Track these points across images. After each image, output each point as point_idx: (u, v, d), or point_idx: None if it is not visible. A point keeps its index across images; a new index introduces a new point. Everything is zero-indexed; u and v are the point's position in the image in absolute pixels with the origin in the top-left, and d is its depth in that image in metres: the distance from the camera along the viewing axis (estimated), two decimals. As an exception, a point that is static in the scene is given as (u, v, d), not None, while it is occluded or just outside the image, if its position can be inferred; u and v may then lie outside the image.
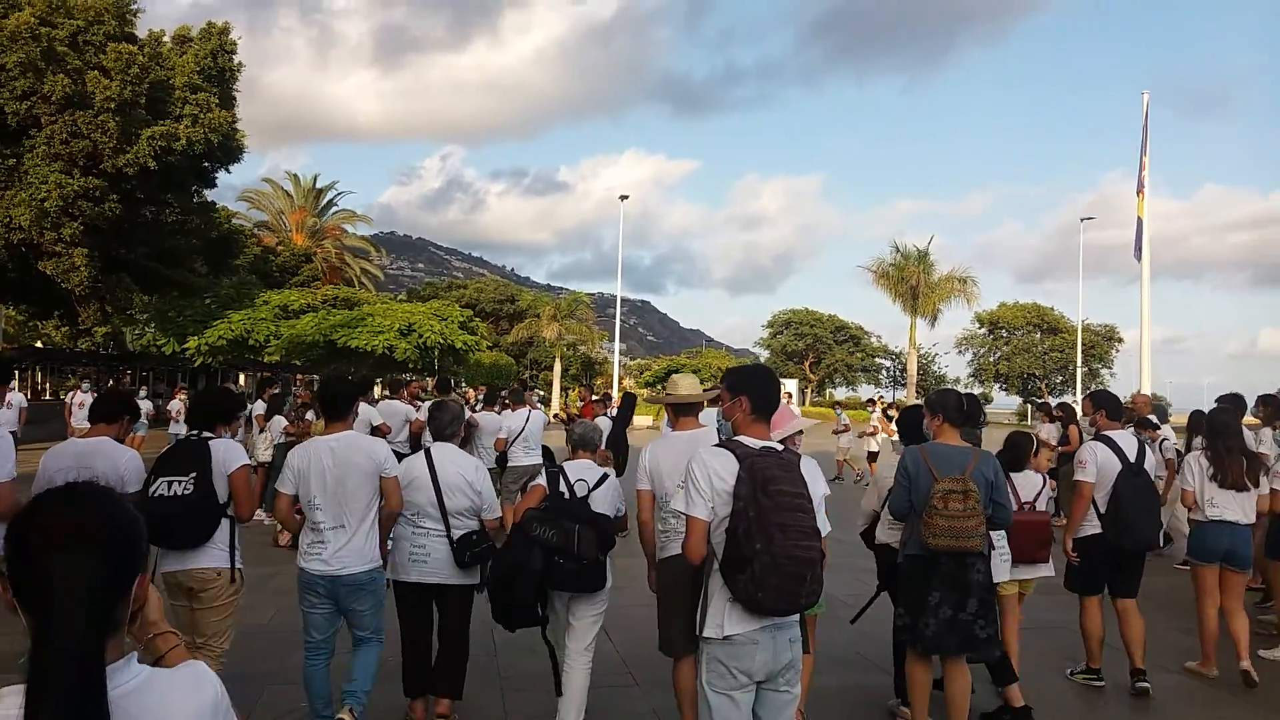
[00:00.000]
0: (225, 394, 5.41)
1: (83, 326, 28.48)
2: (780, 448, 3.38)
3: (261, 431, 13.59)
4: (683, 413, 4.83)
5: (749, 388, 3.47)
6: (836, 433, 19.74)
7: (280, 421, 12.66)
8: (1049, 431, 12.49)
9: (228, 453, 4.47)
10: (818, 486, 3.38)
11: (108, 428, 4.69)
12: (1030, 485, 5.89)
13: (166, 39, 25.82)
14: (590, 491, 4.79)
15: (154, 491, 4.33)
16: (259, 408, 15.24)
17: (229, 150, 26.56)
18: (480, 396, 19.47)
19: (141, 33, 25.00)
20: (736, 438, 3.40)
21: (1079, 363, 53.18)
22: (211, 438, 4.54)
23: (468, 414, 11.09)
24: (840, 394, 68.79)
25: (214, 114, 24.32)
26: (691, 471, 3.30)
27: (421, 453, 5.06)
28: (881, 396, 24.78)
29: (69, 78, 21.44)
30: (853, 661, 6.63)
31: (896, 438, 19.83)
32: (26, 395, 23.49)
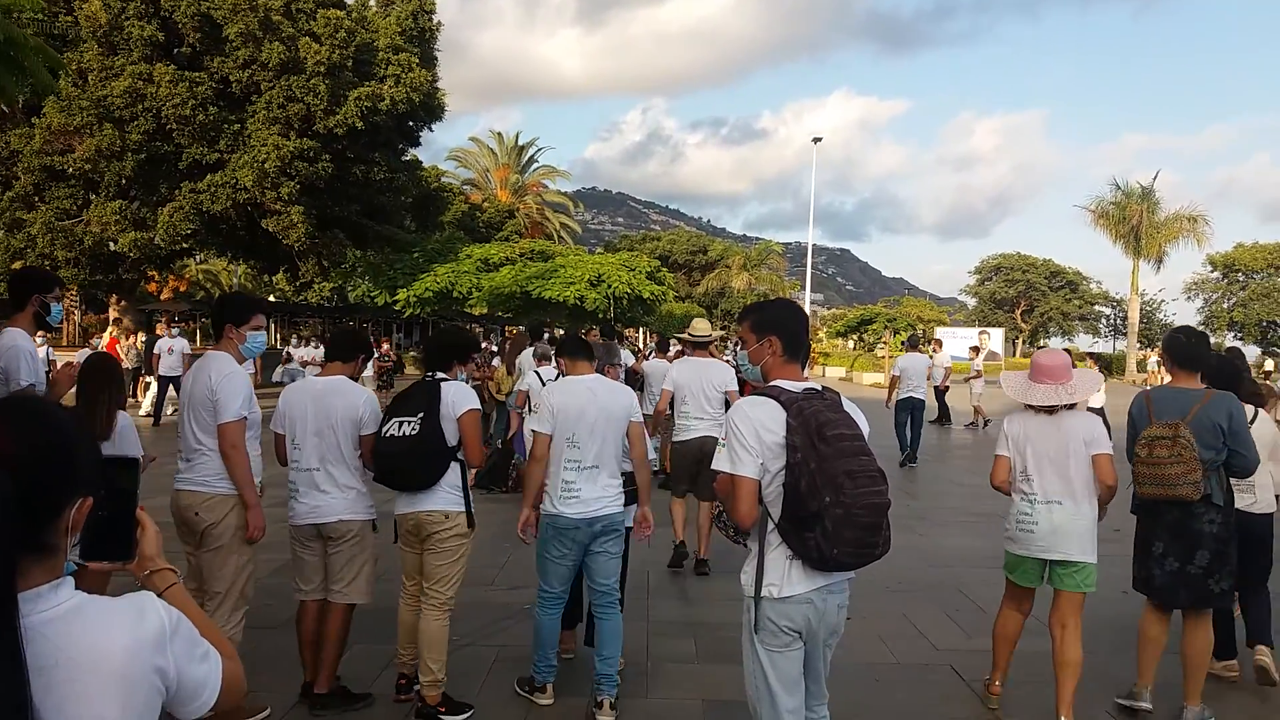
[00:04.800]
0: (459, 333, 5.38)
1: (304, 280, 30.55)
2: (819, 388, 3.08)
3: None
4: (698, 347, 7.73)
5: (778, 326, 3.15)
6: (970, 379, 20.22)
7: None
8: None
9: (457, 396, 4.38)
10: (864, 426, 3.06)
11: (343, 367, 4.60)
12: None
13: (371, 3, 27.02)
14: None
15: (386, 432, 4.32)
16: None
17: (431, 109, 27.55)
18: (653, 344, 19.66)
19: (348, -2, 26.26)
20: (774, 382, 3.08)
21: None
22: (445, 379, 4.48)
23: (632, 362, 11.13)
24: (1056, 343, 64.71)
25: (415, 73, 25.25)
26: (733, 425, 2.98)
27: None
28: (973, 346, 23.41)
29: (283, 45, 22.80)
30: (1030, 628, 6.17)
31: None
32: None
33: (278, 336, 40.40)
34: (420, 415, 4.30)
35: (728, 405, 7.27)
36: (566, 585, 4.64)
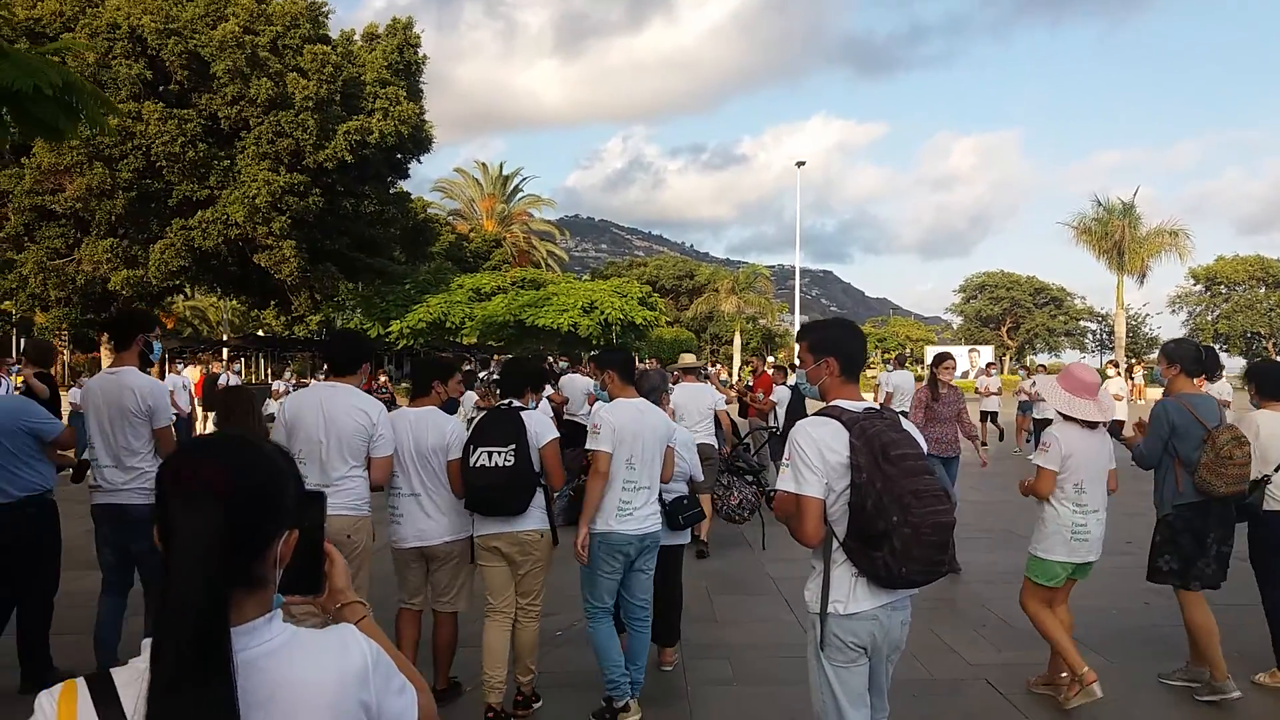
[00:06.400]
0: (532, 362, 5.57)
1: (295, 314, 30.52)
2: (879, 407, 3.10)
3: (455, 406, 14.16)
4: (688, 373, 9.82)
5: (835, 347, 3.17)
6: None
7: (472, 396, 13.14)
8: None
9: (540, 427, 4.63)
10: (922, 445, 3.10)
11: (425, 400, 4.83)
12: None
13: (357, 37, 27.20)
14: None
15: (475, 462, 4.49)
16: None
17: (419, 141, 27.75)
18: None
19: (334, 33, 26.46)
20: (834, 403, 3.10)
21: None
22: (522, 408, 4.70)
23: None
24: (1043, 359, 65.12)
25: (403, 106, 25.45)
26: (797, 446, 3.00)
27: None
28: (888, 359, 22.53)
29: (271, 81, 22.93)
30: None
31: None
32: (249, 378, 25.37)
33: (268, 371, 40.26)
34: (513, 446, 4.48)
35: (717, 420, 9.17)
36: (615, 597, 4.77)
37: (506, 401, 4.75)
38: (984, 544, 9.18)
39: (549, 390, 10.34)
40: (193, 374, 19.23)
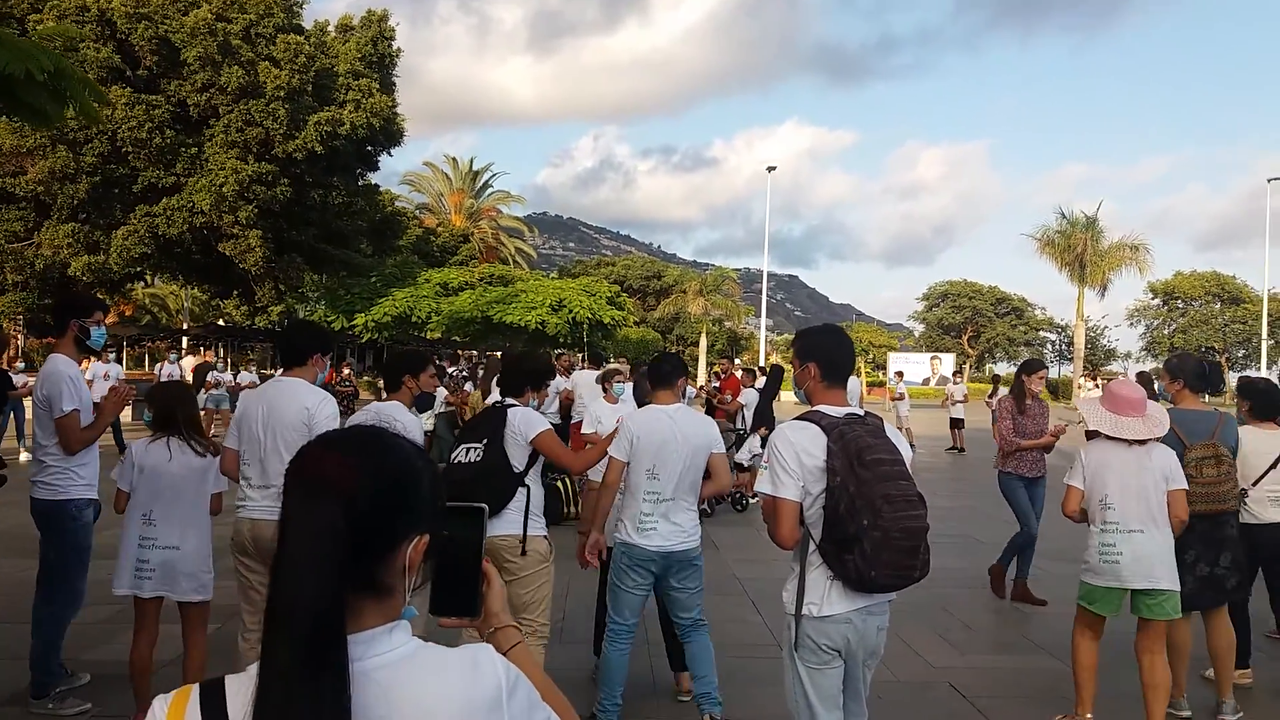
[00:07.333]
0: (536, 359, 5.25)
1: (259, 305, 30.18)
2: (862, 413, 3.15)
3: (422, 402, 14.13)
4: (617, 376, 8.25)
5: (816, 353, 3.23)
6: (895, 399, 20.15)
7: (441, 392, 13.12)
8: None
9: (525, 420, 4.34)
10: (905, 451, 3.14)
11: (396, 395, 4.70)
12: None
13: (330, 28, 26.98)
14: None
15: (454, 459, 4.35)
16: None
17: (390, 134, 27.56)
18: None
19: (307, 23, 26.23)
20: (816, 408, 3.16)
21: (1264, 335, 48.67)
22: (513, 404, 4.44)
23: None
24: (1001, 369, 65.95)
25: (375, 99, 25.28)
26: (775, 450, 3.06)
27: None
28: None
29: (243, 69, 22.68)
30: (1018, 645, 6.35)
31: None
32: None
33: (227, 362, 39.68)
34: (485, 440, 4.30)
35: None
36: (637, 616, 4.55)
37: (500, 400, 4.55)
38: (947, 548, 9.32)
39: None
40: (189, 363, 19.30)
